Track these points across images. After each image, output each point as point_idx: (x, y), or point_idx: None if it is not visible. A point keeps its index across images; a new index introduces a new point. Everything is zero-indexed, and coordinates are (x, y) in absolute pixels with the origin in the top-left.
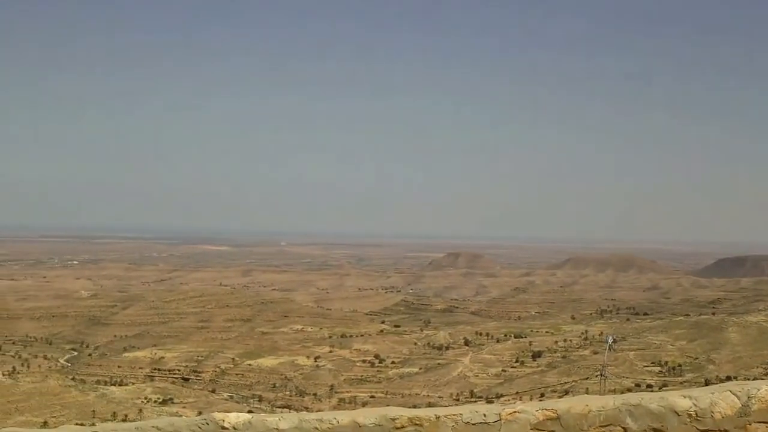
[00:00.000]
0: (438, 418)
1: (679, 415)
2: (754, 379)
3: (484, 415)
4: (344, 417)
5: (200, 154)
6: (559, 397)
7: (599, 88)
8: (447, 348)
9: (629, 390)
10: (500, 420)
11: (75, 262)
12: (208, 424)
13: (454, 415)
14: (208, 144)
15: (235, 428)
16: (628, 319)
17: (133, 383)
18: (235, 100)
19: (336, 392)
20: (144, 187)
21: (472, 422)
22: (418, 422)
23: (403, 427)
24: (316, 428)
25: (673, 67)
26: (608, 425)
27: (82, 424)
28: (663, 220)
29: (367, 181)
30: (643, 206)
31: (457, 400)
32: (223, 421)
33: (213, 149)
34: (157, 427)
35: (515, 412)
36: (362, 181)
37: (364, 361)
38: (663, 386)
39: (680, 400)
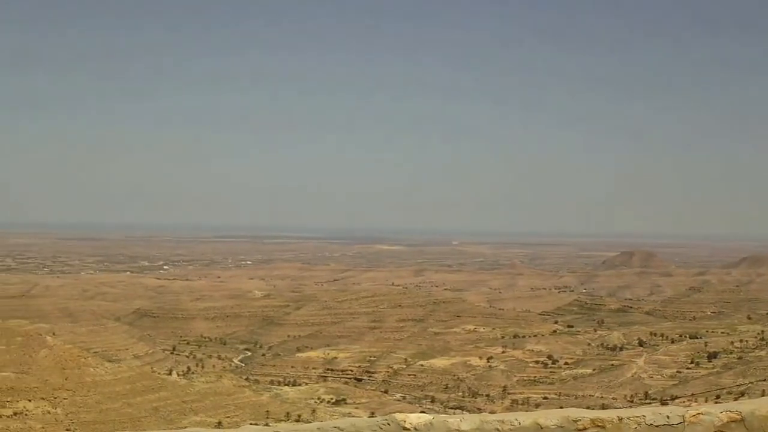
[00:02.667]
0: (620, 419)
1: None
2: None
3: (668, 417)
4: (526, 418)
5: (377, 156)
6: (735, 399)
7: None
8: (621, 349)
9: None
10: (684, 422)
11: (248, 262)
12: (389, 424)
13: (636, 416)
14: (381, 145)
15: (416, 429)
16: None
17: (306, 383)
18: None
19: (509, 393)
20: (322, 188)
21: (655, 424)
22: (600, 424)
23: (585, 428)
24: (498, 429)
25: None
26: None
27: (256, 425)
28: None
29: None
30: None
31: (631, 401)
32: (404, 421)
33: (386, 149)
34: (338, 428)
35: (699, 414)
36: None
37: (536, 362)
38: None
39: None
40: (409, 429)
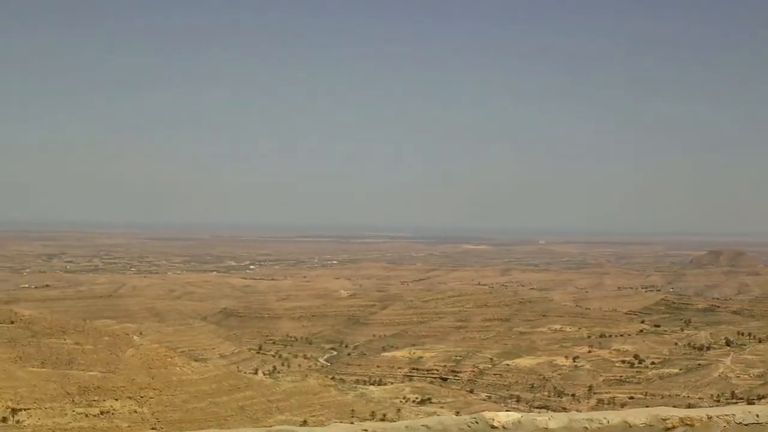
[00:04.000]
0: (709, 418)
1: None
2: None
3: (757, 416)
4: (614, 417)
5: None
6: None
7: None
8: (708, 348)
9: None
10: None
11: (334, 262)
12: (477, 422)
13: (725, 415)
14: (478, 144)
15: (504, 427)
16: None
17: (392, 383)
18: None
19: (594, 393)
20: (408, 187)
21: (744, 423)
22: (689, 422)
23: (674, 427)
24: (586, 428)
25: None
26: None
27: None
28: None
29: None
30: None
31: (718, 401)
32: (493, 420)
33: (482, 149)
34: (426, 426)
35: None
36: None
37: (623, 362)
38: None
39: None
40: (497, 427)
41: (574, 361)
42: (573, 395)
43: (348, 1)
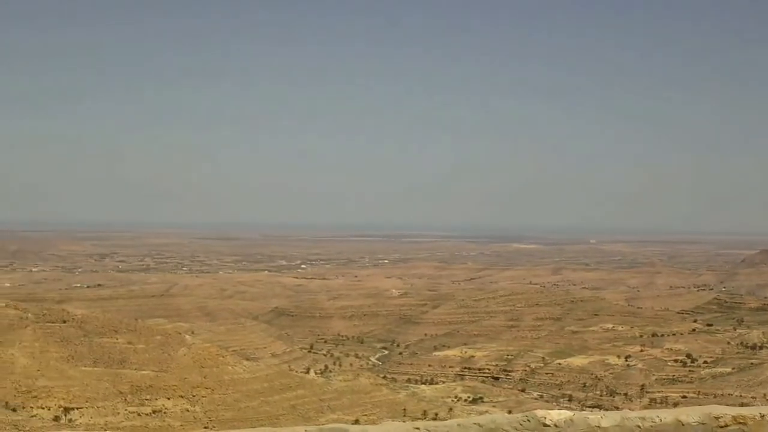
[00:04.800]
0: (763, 416)
1: None
2: None
3: None
4: (667, 415)
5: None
6: None
7: None
8: (760, 347)
9: None
10: None
11: (385, 261)
12: (529, 420)
13: None
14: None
15: (556, 425)
16: None
17: (443, 382)
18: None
19: (647, 392)
20: (459, 187)
21: None
22: (742, 421)
23: (726, 425)
24: (638, 426)
25: None
26: None
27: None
28: None
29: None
30: None
31: None
32: (545, 418)
33: (525, 148)
34: (478, 424)
35: None
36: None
37: (675, 361)
38: None
39: None
40: (549, 426)
41: (626, 361)
42: (625, 394)
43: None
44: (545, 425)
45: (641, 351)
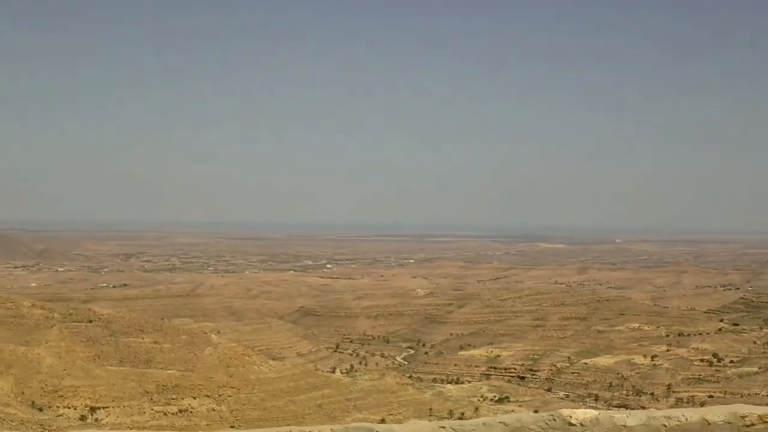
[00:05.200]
0: None
1: None
2: None
3: None
4: (692, 414)
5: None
6: None
7: None
8: None
9: None
10: None
11: (411, 261)
12: (555, 420)
13: None
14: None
15: (582, 425)
16: None
17: (469, 381)
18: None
19: (673, 392)
20: (482, 187)
21: None
22: None
23: (753, 424)
24: (664, 425)
25: None
26: None
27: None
28: None
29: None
30: None
31: None
32: (571, 417)
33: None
34: (504, 423)
35: None
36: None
37: (702, 360)
38: None
39: None
40: (575, 425)
41: (653, 360)
42: (652, 394)
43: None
44: (571, 424)
45: (667, 350)
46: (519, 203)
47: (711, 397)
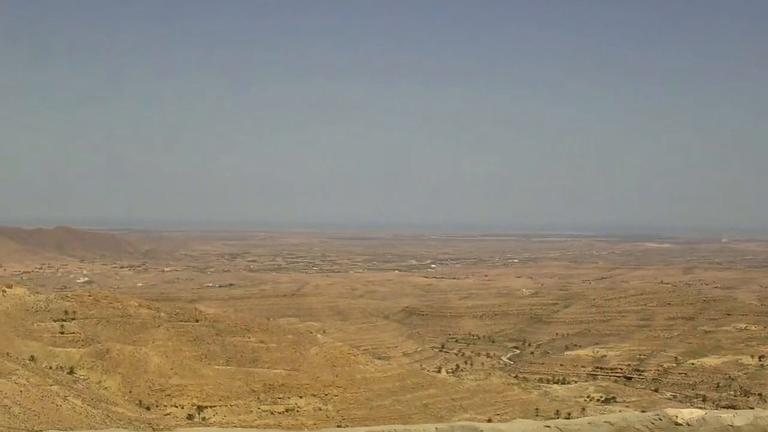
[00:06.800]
0: None
1: None
2: None
3: None
4: None
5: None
6: None
7: None
8: None
9: None
10: None
11: (515, 260)
12: (660, 419)
13: None
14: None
15: (688, 424)
16: None
17: (575, 381)
18: None
19: None
20: (585, 186)
21: None
22: None
23: None
24: None
25: None
26: None
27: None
28: None
29: None
30: None
31: None
32: (677, 417)
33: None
34: (609, 423)
35: None
36: None
37: None
38: None
39: None
40: (681, 424)
41: (761, 361)
42: (760, 395)
43: None
44: (677, 424)
45: None
46: (627, 203)
47: None
